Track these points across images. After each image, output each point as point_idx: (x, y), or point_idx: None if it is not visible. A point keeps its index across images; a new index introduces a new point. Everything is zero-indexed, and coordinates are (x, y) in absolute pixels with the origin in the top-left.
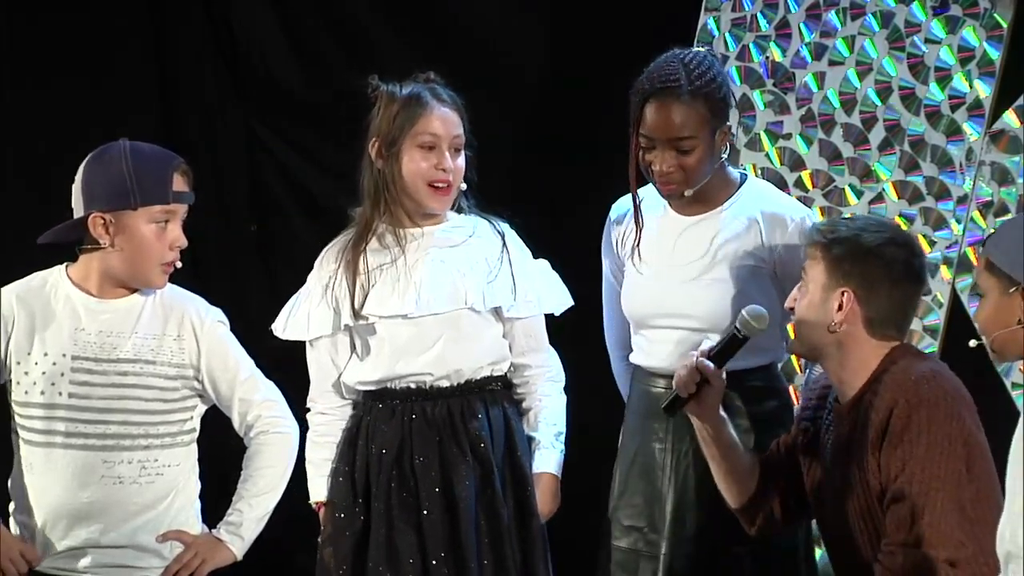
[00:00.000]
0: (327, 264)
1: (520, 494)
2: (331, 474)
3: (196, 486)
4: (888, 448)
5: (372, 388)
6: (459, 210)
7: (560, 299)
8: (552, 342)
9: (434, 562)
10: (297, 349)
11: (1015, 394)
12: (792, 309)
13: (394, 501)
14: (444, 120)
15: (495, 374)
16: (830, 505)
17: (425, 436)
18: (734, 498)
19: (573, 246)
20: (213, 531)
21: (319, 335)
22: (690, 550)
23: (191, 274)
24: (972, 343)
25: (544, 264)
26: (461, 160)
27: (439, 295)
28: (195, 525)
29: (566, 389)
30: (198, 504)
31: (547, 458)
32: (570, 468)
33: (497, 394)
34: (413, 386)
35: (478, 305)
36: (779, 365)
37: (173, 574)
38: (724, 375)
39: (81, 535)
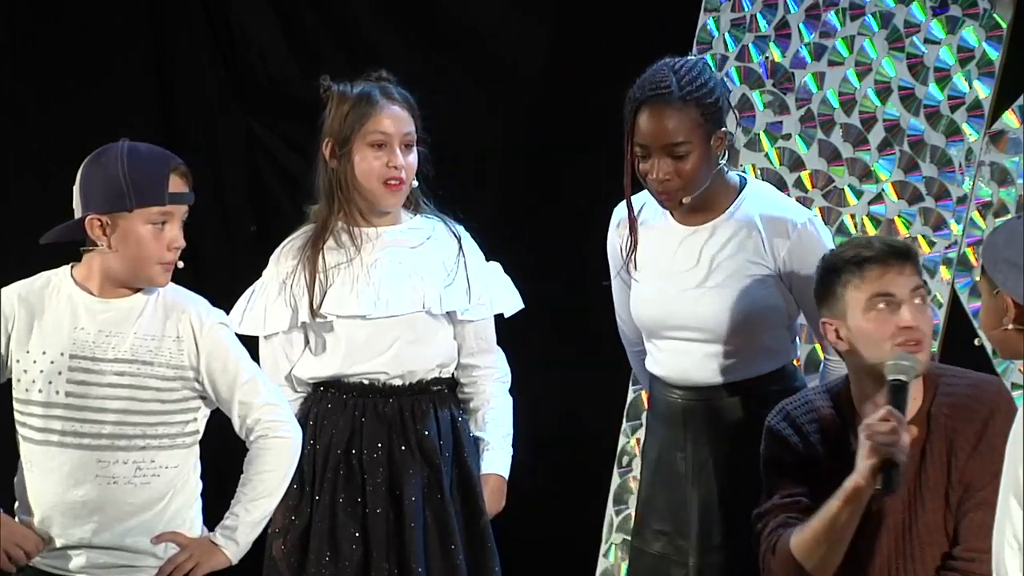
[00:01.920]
0: (285, 261)
1: (467, 495)
2: None
3: (196, 487)
4: (979, 457)
5: (324, 381)
6: (415, 208)
7: (511, 301)
8: (545, 340)
9: (375, 556)
10: None
11: (1015, 394)
12: (912, 327)
13: (339, 495)
14: (394, 118)
15: (443, 375)
16: (890, 529)
17: (375, 433)
18: (825, 571)
19: (570, 244)
20: (209, 534)
21: (275, 331)
22: (718, 558)
23: (191, 274)
24: (976, 342)
25: (496, 266)
26: (413, 157)
27: (398, 297)
28: (194, 526)
29: (563, 389)
30: (199, 505)
31: (496, 459)
32: (568, 468)
33: (444, 395)
34: (366, 382)
35: (435, 309)
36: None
37: (167, 575)
38: None
39: (76, 534)
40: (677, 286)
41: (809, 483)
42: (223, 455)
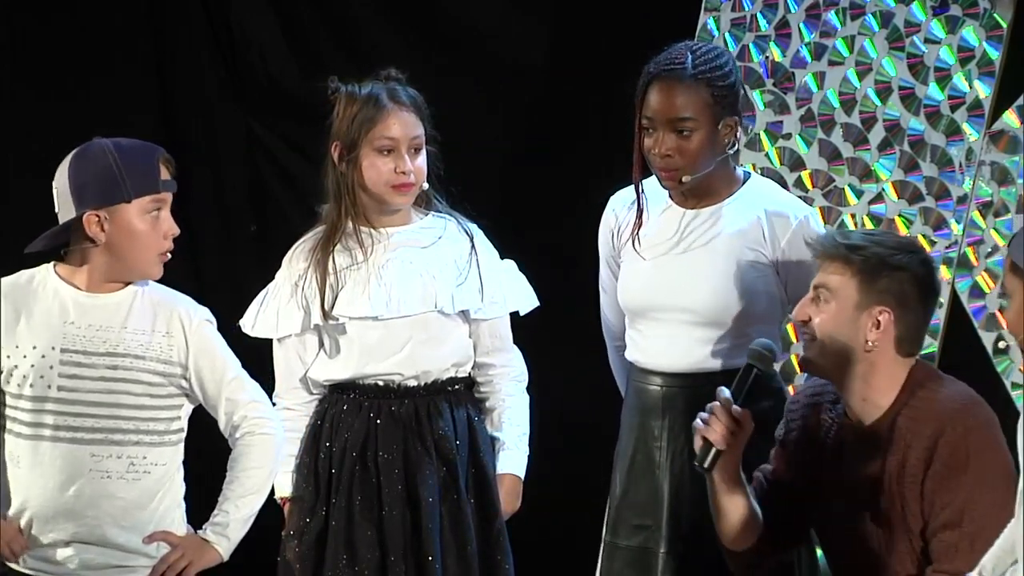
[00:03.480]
0: (296, 262)
1: (483, 495)
2: (295, 469)
3: (181, 488)
4: (935, 477)
5: (340, 383)
6: (427, 205)
7: (526, 299)
8: (548, 340)
9: (393, 559)
10: None
11: (1015, 394)
12: (805, 321)
13: (355, 497)
14: (402, 123)
15: (459, 375)
16: (854, 534)
17: (391, 434)
18: (733, 544)
19: (571, 244)
20: (199, 532)
21: (288, 334)
22: (687, 548)
23: (191, 274)
24: (1002, 344)
25: (511, 264)
26: (422, 160)
27: (409, 297)
28: (181, 526)
29: (563, 389)
30: (183, 505)
31: (512, 459)
32: (569, 467)
33: (460, 395)
34: (381, 384)
35: (447, 308)
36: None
37: (160, 574)
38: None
39: (69, 529)
40: (673, 264)
41: (780, 463)
42: (202, 456)
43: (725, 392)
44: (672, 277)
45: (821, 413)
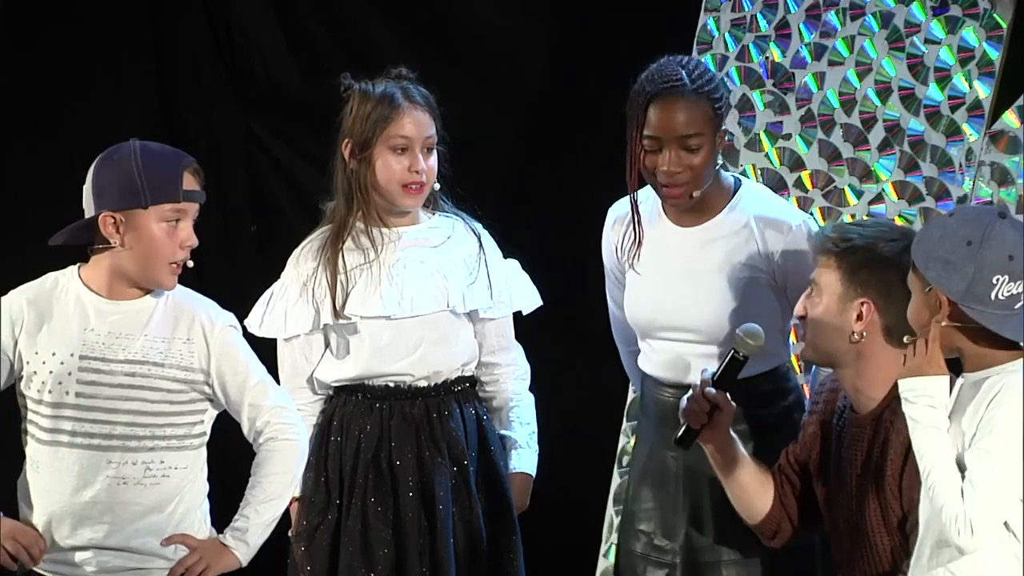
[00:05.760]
0: (305, 262)
1: (494, 492)
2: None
3: (204, 489)
4: (909, 476)
5: (349, 384)
6: (434, 205)
7: (530, 298)
8: (549, 340)
9: (409, 560)
10: None
11: None
12: (803, 317)
13: (370, 499)
14: (416, 122)
15: (466, 374)
16: (845, 518)
17: (404, 436)
18: (751, 515)
19: (572, 245)
20: (219, 536)
21: (296, 333)
22: (707, 558)
23: (191, 274)
24: (906, 339)
25: (514, 264)
26: (433, 159)
27: (422, 297)
28: (202, 528)
29: (563, 389)
30: (206, 506)
31: (524, 458)
32: (569, 468)
33: (468, 393)
34: (392, 384)
35: (459, 307)
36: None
37: None
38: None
39: (85, 534)
40: (671, 287)
41: (799, 443)
42: (227, 458)
43: (706, 373)
44: (672, 298)
45: (838, 400)
